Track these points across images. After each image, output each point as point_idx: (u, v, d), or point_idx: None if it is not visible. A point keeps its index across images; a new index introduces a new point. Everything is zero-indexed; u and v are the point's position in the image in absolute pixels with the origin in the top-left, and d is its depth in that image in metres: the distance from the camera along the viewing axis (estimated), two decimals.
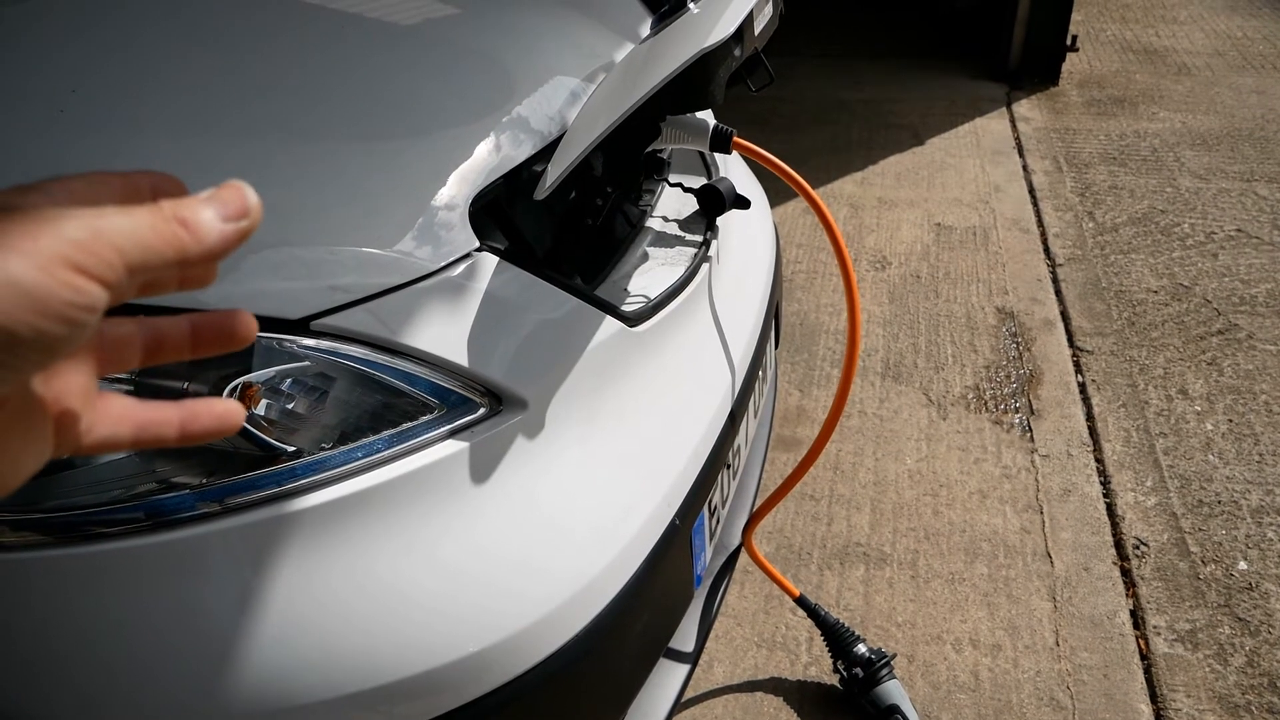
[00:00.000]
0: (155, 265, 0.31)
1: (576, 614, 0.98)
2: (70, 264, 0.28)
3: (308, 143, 0.98)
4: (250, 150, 0.95)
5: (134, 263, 0.30)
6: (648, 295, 1.20)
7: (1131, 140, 3.75)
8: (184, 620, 0.83)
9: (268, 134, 0.98)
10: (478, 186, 1.01)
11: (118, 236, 0.29)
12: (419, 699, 0.90)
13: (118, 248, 0.29)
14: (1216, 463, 2.10)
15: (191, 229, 0.32)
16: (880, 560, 1.89)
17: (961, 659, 1.68)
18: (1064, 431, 2.21)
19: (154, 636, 0.82)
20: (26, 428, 0.33)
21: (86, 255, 0.28)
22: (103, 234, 0.29)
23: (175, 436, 0.38)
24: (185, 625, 0.83)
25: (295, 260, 0.87)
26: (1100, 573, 1.84)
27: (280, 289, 0.85)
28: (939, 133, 3.87)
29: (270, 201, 0.89)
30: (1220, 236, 3.01)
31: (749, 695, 1.64)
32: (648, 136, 1.12)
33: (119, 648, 0.81)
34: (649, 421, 1.14)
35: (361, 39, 1.19)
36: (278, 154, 0.95)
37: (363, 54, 1.15)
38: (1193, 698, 1.60)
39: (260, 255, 0.86)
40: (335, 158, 0.97)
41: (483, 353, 0.95)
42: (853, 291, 1.32)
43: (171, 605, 0.83)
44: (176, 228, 0.31)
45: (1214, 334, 2.54)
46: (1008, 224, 3.16)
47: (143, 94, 1.01)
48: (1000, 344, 2.54)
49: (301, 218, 0.90)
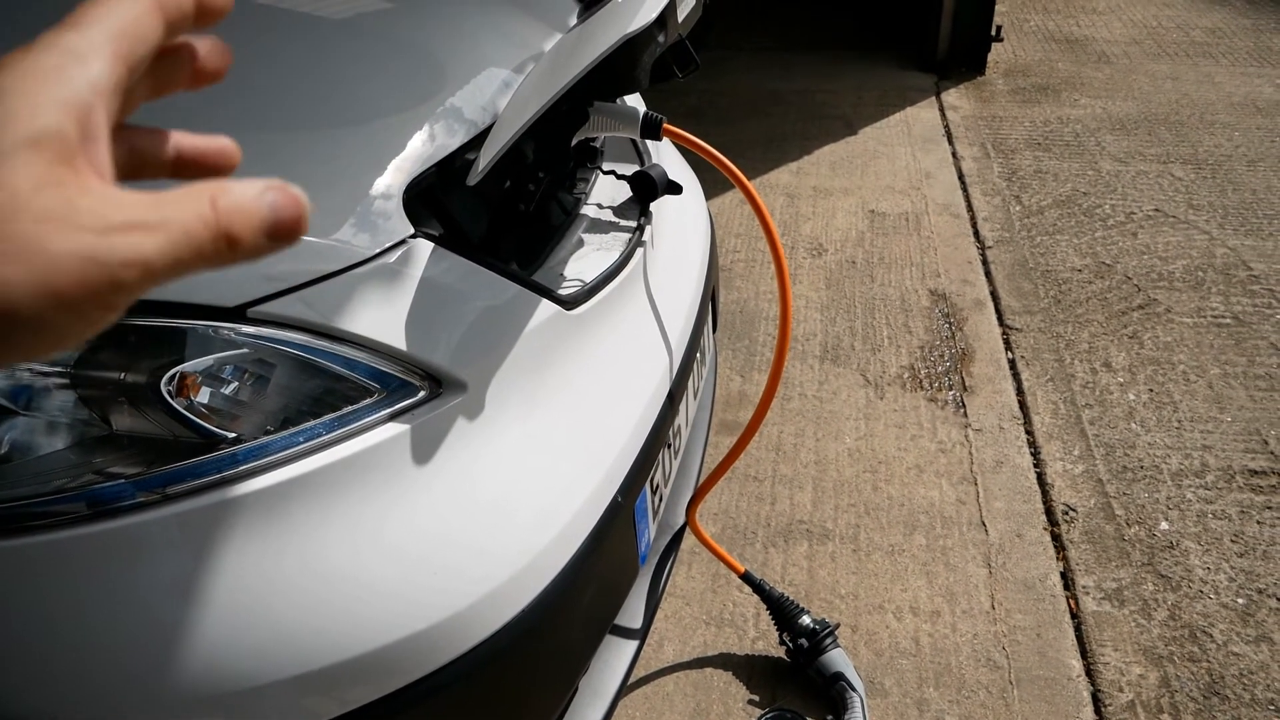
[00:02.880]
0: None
1: (520, 591, 1.00)
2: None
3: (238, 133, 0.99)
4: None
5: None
6: (583, 279, 1.23)
7: (1055, 126, 3.87)
8: (129, 609, 0.83)
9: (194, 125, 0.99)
10: (411, 175, 1.03)
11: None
12: (367, 679, 0.92)
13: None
14: (1139, 430, 2.20)
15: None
16: (823, 536, 1.94)
17: (902, 626, 1.74)
18: (995, 406, 2.29)
19: (100, 626, 0.82)
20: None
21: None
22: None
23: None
24: (130, 614, 0.83)
25: None
26: (1032, 538, 1.91)
27: (215, 277, 0.86)
28: (871, 122, 3.96)
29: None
30: (1139, 216, 3.13)
31: (699, 671, 1.67)
32: (577, 123, 1.15)
33: (61, 638, 0.81)
34: (588, 402, 1.17)
35: (292, 30, 1.20)
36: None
37: (293, 45, 1.16)
38: (1120, 651, 1.68)
39: None
40: (266, 147, 0.98)
41: (421, 337, 0.97)
42: (782, 269, 1.36)
43: (115, 594, 0.83)
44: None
45: (1135, 309, 2.65)
46: (939, 209, 3.24)
47: None
48: (933, 324, 2.62)
49: None
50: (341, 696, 0.91)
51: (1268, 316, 2.58)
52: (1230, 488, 2.02)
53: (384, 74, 1.16)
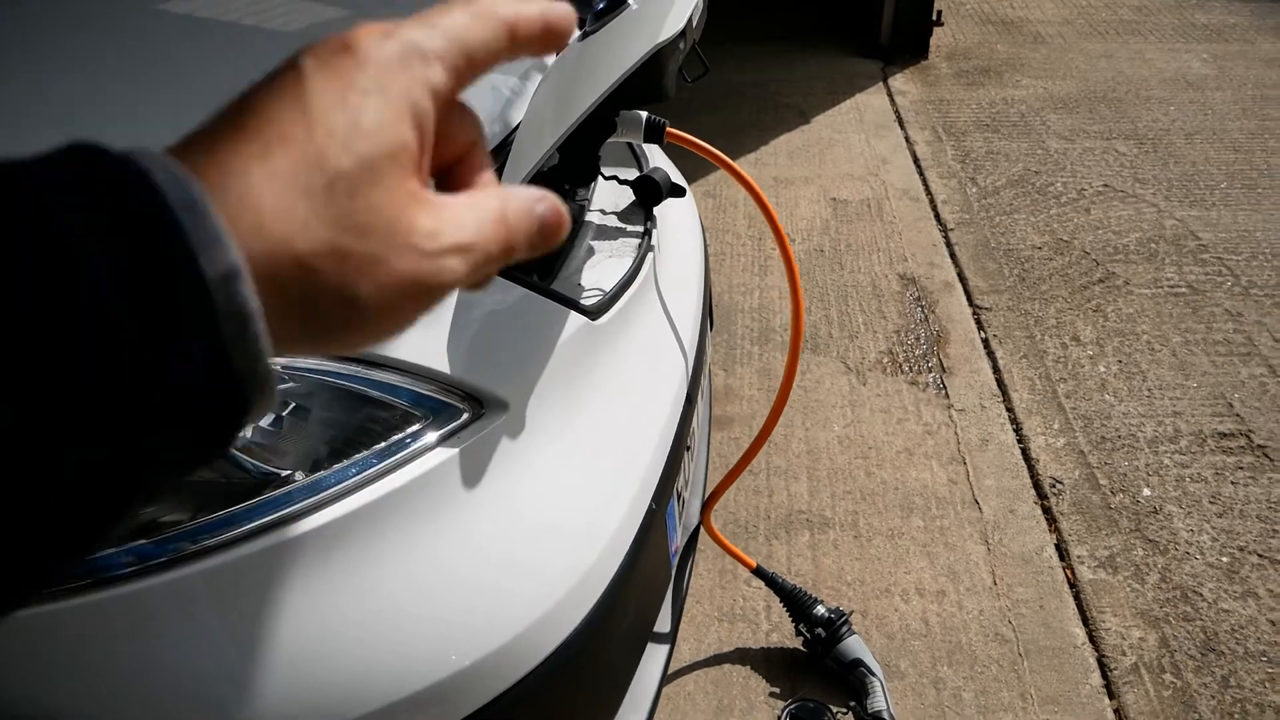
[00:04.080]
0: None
1: (574, 608, 1.00)
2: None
3: None
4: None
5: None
6: (602, 288, 1.23)
7: (1001, 107, 3.97)
8: (194, 658, 0.81)
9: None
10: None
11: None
12: (434, 709, 0.91)
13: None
14: (1112, 401, 2.27)
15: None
16: (823, 524, 1.97)
17: (910, 608, 1.78)
18: (975, 386, 2.34)
19: (166, 677, 0.80)
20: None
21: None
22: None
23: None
24: (196, 663, 0.81)
25: None
26: (1024, 513, 1.97)
27: None
28: (823, 110, 4.01)
29: None
30: (1090, 192, 3.23)
31: (718, 668, 1.69)
32: (603, 132, 1.15)
33: (134, 692, 0.79)
34: (617, 411, 1.17)
35: (276, 44, 1.17)
36: None
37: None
38: (1119, 616, 1.74)
39: None
40: None
41: (461, 357, 0.96)
42: (793, 270, 1.37)
43: (179, 645, 0.81)
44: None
45: (1096, 283, 2.73)
46: (898, 194, 3.30)
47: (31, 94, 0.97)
48: (906, 308, 2.67)
49: None
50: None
51: (1219, 284, 2.69)
52: (1203, 451, 2.10)
53: None
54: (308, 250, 0.27)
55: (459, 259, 0.30)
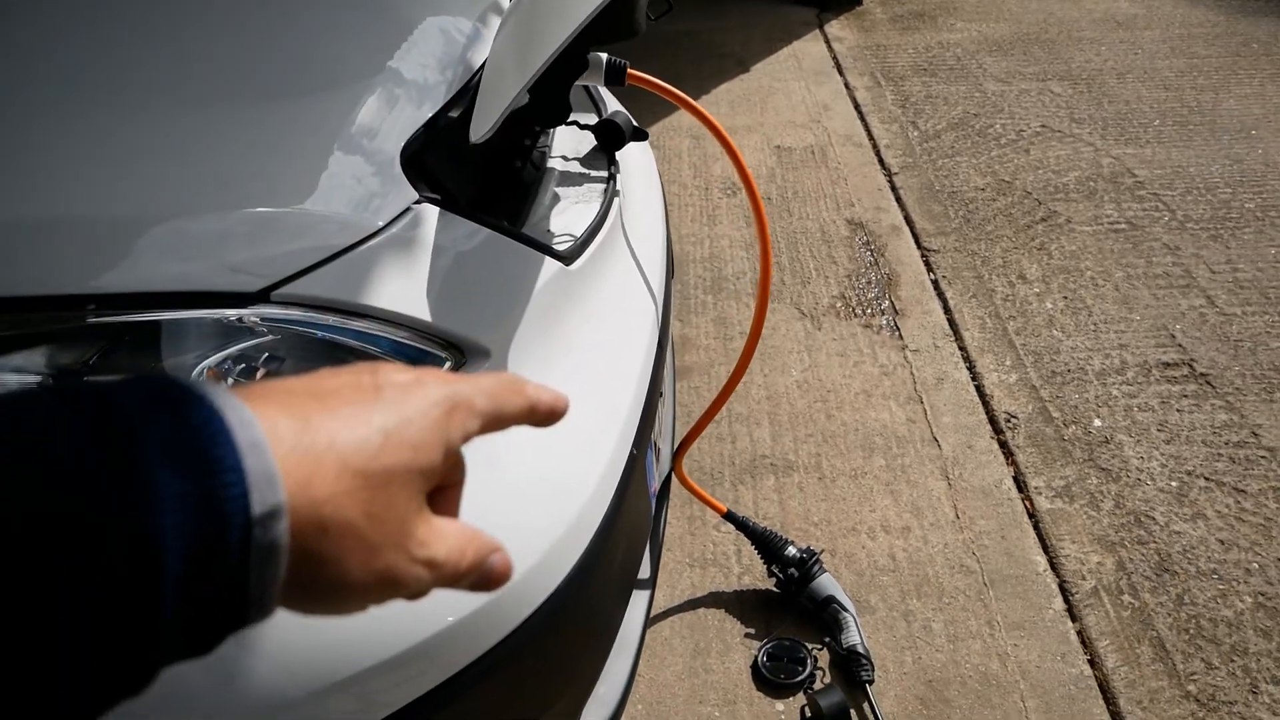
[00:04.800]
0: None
1: (563, 558, 0.99)
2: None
3: (212, 107, 0.91)
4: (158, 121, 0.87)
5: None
6: (572, 233, 1.20)
7: (937, 51, 3.99)
8: None
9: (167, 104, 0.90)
10: (404, 138, 0.97)
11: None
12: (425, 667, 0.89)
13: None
14: (1060, 336, 2.32)
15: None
16: (787, 468, 1.99)
17: (877, 545, 1.81)
18: (927, 326, 2.38)
19: None
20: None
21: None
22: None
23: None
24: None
25: (243, 232, 0.81)
26: (982, 448, 2.01)
27: (236, 262, 0.79)
28: (762, 58, 3.98)
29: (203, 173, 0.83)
30: (1028, 133, 3.28)
31: (692, 613, 1.70)
32: (574, 71, 1.11)
33: None
34: (595, 358, 1.15)
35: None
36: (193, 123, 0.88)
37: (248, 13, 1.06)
38: (1077, 543, 1.79)
39: (207, 231, 0.79)
40: (250, 119, 0.90)
41: (440, 305, 0.93)
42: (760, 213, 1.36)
43: None
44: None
45: (1038, 222, 2.78)
46: (841, 140, 3.31)
47: (20, 76, 0.90)
48: (856, 253, 2.68)
49: (237, 187, 0.84)
50: (402, 686, 0.88)
51: (1157, 219, 2.76)
52: (1149, 381, 2.17)
53: (346, 33, 1.08)
54: (332, 517, 0.32)
55: (427, 572, 0.35)
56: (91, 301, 0.73)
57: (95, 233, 0.77)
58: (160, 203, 0.80)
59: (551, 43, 0.91)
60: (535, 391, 0.41)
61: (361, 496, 0.32)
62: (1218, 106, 3.38)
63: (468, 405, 0.37)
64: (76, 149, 0.82)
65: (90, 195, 0.79)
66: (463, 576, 0.37)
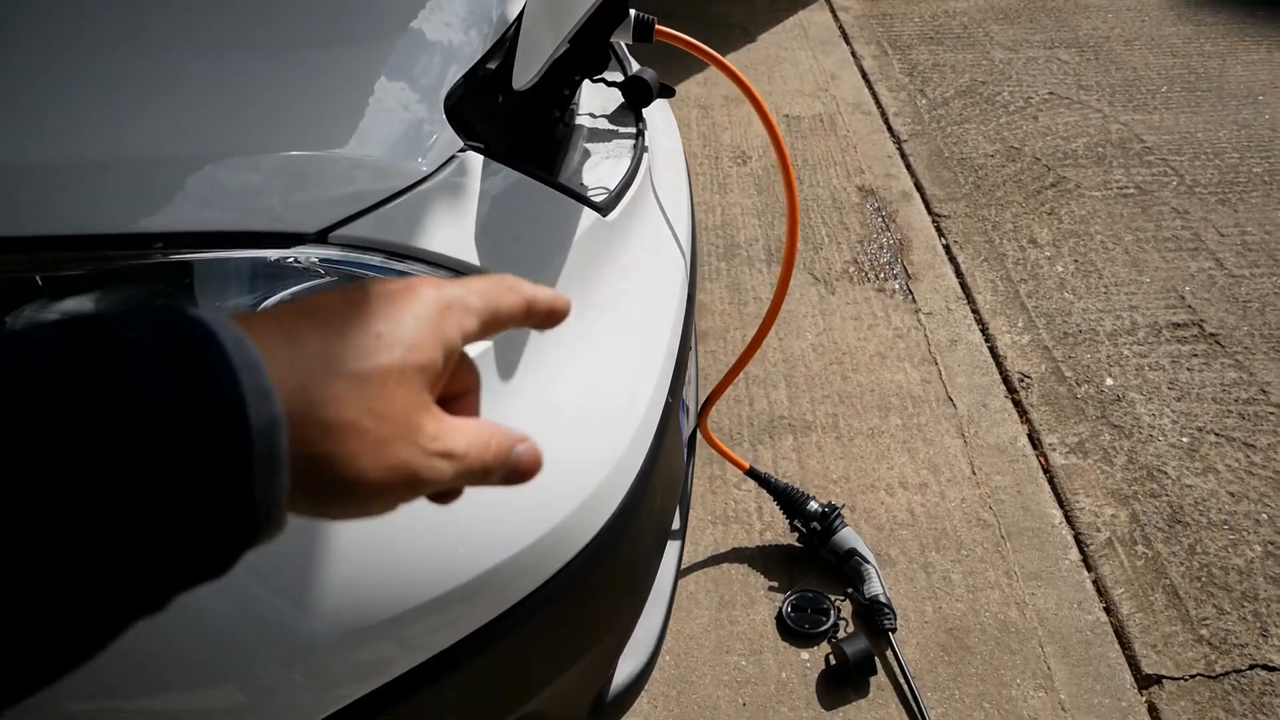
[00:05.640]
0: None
1: (610, 496, 1.01)
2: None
3: (269, 57, 0.93)
4: (215, 68, 0.89)
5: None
6: (606, 186, 1.22)
7: (943, 20, 3.99)
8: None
9: (225, 52, 0.92)
10: (446, 88, 0.99)
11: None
12: (482, 600, 0.92)
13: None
14: (1071, 298, 2.35)
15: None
16: (805, 428, 2.02)
17: (896, 501, 1.84)
18: (940, 290, 2.40)
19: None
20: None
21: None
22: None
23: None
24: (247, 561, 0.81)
25: (300, 174, 0.83)
26: (996, 406, 2.04)
27: (294, 202, 0.81)
28: (768, 29, 3.98)
29: (259, 118, 0.84)
30: (1036, 100, 3.29)
31: (716, 568, 1.73)
32: (613, 20, 1.12)
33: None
34: (631, 307, 1.17)
35: None
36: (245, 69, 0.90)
37: None
38: (1091, 497, 1.83)
39: (266, 172, 0.81)
40: (299, 69, 0.92)
41: (487, 250, 0.95)
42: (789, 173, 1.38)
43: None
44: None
45: (1048, 187, 2.80)
46: (849, 108, 3.31)
47: (84, 12, 0.92)
48: (867, 219, 2.70)
49: (292, 131, 0.86)
50: (459, 620, 0.91)
51: (1165, 184, 2.78)
52: (1159, 341, 2.20)
53: None
54: (334, 419, 0.33)
55: (447, 463, 0.36)
56: (159, 240, 0.76)
57: (156, 173, 0.79)
58: (220, 145, 0.82)
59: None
60: (532, 290, 0.41)
61: (359, 395, 0.33)
62: (1225, 73, 3.39)
63: (461, 304, 0.38)
64: (134, 93, 0.84)
65: (149, 137, 0.81)
66: (491, 470, 0.38)
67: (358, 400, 0.33)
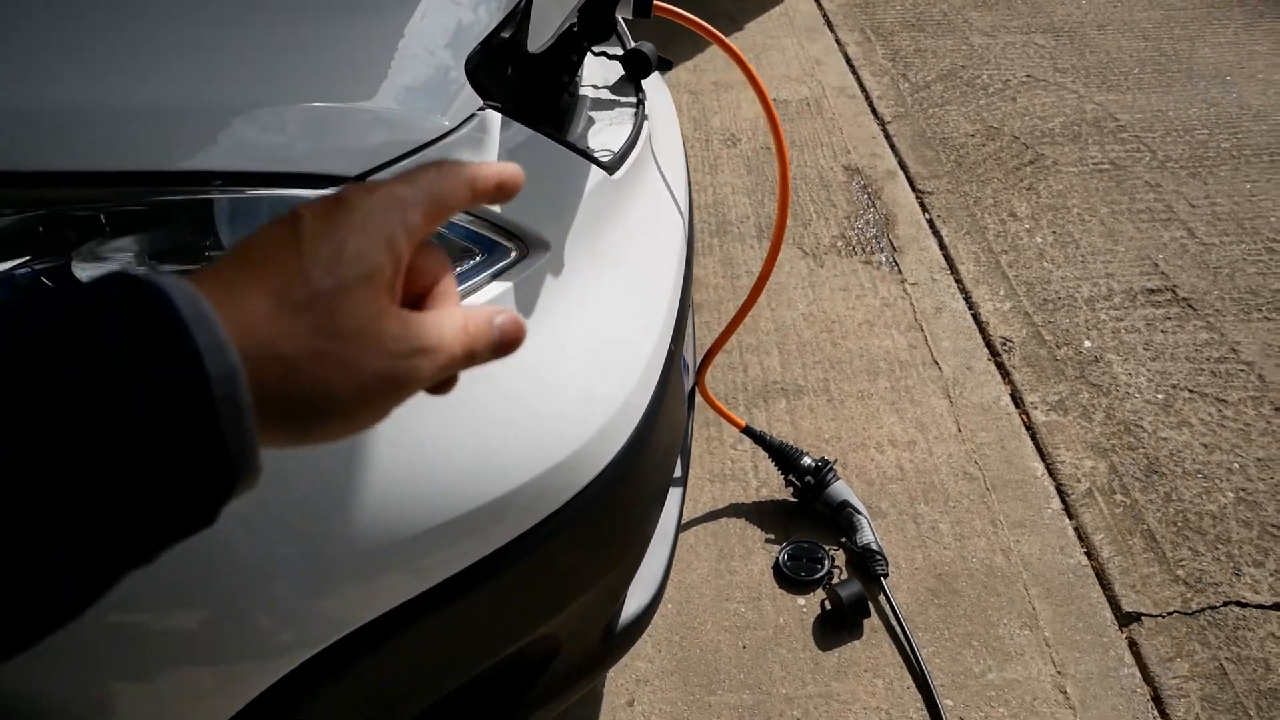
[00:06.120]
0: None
1: (620, 429, 1.09)
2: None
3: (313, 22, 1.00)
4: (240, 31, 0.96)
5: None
6: (611, 149, 1.29)
7: (924, 8, 4.08)
8: (287, 470, 0.88)
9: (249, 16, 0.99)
10: (467, 50, 1.06)
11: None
12: (506, 518, 0.99)
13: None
14: (1050, 267, 2.44)
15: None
16: (797, 392, 2.10)
17: (885, 458, 1.93)
18: (924, 261, 2.49)
19: (257, 495, 0.86)
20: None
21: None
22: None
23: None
24: (287, 473, 0.88)
25: (335, 124, 0.90)
26: (980, 369, 2.13)
27: (328, 149, 0.89)
28: (754, 17, 4.06)
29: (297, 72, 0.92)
30: (1014, 83, 3.38)
31: (715, 523, 1.81)
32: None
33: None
34: (635, 262, 1.25)
35: None
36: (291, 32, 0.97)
37: None
38: (1071, 451, 1.92)
39: (302, 120, 0.89)
40: (337, 31, 0.99)
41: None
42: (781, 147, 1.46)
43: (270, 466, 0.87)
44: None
45: (1026, 164, 2.89)
46: (835, 92, 3.40)
47: None
48: (853, 196, 2.79)
49: (328, 86, 0.93)
50: (486, 537, 0.98)
51: (1139, 160, 2.88)
52: (1134, 305, 2.29)
53: None
54: (291, 351, 0.34)
55: (424, 359, 0.36)
56: (218, 177, 0.83)
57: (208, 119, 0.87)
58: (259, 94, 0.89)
59: None
60: (473, 166, 0.40)
61: (307, 321, 0.34)
62: (1194, 55, 3.50)
63: (398, 200, 0.37)
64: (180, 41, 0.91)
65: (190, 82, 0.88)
66: (475, 350, 0.38)
67: (308, 326, 0.34)
